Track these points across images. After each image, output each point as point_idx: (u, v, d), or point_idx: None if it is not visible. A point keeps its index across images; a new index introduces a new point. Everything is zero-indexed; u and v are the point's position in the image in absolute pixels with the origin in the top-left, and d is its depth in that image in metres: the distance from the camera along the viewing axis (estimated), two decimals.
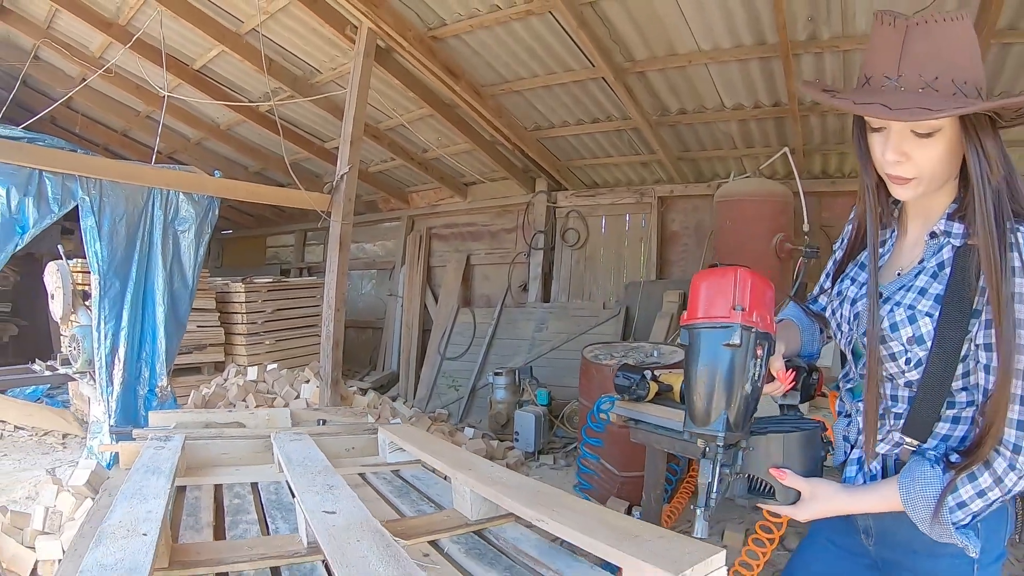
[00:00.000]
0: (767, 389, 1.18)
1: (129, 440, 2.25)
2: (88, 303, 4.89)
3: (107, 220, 4.16)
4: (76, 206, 4.06)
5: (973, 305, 1.03)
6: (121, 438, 2.58)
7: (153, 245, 4.41)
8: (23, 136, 3.87)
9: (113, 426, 4.10)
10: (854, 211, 1.31)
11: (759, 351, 1.02)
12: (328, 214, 4.88)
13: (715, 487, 1.06)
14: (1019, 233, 1.00)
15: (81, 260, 5.12)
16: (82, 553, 1.13)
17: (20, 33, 6.00)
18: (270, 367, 5.44)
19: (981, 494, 1.01)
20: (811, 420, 1.21)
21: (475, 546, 1.51)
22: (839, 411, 1.31)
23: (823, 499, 1.12)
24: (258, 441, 2.28)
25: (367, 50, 4.71)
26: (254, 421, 2.57)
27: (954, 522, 1.03)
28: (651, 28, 4.26)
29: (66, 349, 5.38)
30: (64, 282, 5.11)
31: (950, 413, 1.09)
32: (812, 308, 1.43)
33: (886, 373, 1.13)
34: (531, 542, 1.51)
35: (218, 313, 6.04)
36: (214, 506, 1.77)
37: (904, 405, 1.13)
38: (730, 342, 1.00)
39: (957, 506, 1.03)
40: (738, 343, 1.00)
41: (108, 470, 3.16)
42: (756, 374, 1.02)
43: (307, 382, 5.04)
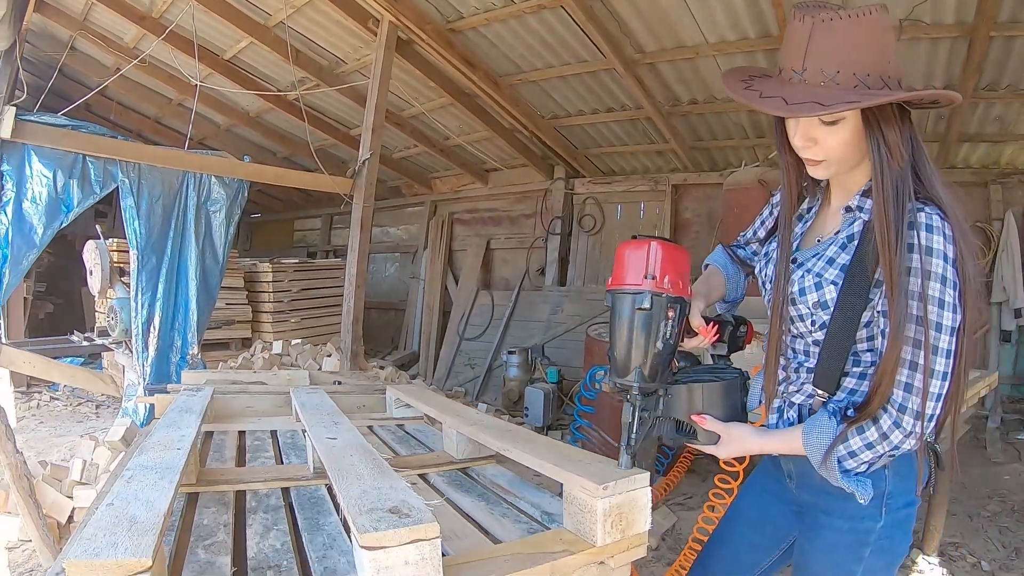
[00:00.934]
0: (691, 344, 1.33)
1: (164, 394, 2.53)
2: (125, 279, 5.24)
3: (145, 201, 4.50)
4: (116, 188, 4.40)
5: (876, 275, 1.13)
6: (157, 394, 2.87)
7: (187, 224, 4.76)
8: (67, 123, 4.17)
9: (148, 386, 4.44)
10: None
11: (670, 313, 1.18)
12: (351, 197, 5.14)
13: (634, 427, 1.24)
14: (921, 213, 1.09)
15: (117, 239, 5.47)
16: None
17: (57, 25, 6.27)
18: (294, 343, 5.73)
19: (869, 446, 1.12)
20: (733, 370, 1.36)
21: (457, 479, 1.74)
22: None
23: (737, 440, 1.28)
24: (279, 396, 2.54)
25: (388, 42, 4.94)
26: (276, 381, 2.85)
27: (847, 469, 1.15)
28: (658, 22, 4.41)
29: (104, 320, 5.73)
30: (103, 259, 5.47)
31: (857, 370, 1.21)
32: (739, 254, 1.55)
33: (796, 331, 1.27)
34: (506, 478, 1.73)
35: (246, 292, 6.29)
36: (237, 446, 2.03)
37: (814, 360, 1.25)
38: (641, 306, 1.17)
39: (848, 455, 1.14)
40: (648, 307, 1.16)
41: (141, 428, 3.46)
42: (668, 333, 1.19)
43: (329, 355, 5.30)
